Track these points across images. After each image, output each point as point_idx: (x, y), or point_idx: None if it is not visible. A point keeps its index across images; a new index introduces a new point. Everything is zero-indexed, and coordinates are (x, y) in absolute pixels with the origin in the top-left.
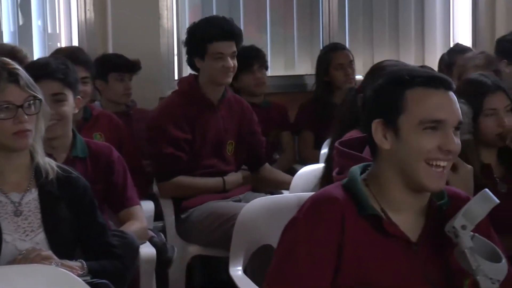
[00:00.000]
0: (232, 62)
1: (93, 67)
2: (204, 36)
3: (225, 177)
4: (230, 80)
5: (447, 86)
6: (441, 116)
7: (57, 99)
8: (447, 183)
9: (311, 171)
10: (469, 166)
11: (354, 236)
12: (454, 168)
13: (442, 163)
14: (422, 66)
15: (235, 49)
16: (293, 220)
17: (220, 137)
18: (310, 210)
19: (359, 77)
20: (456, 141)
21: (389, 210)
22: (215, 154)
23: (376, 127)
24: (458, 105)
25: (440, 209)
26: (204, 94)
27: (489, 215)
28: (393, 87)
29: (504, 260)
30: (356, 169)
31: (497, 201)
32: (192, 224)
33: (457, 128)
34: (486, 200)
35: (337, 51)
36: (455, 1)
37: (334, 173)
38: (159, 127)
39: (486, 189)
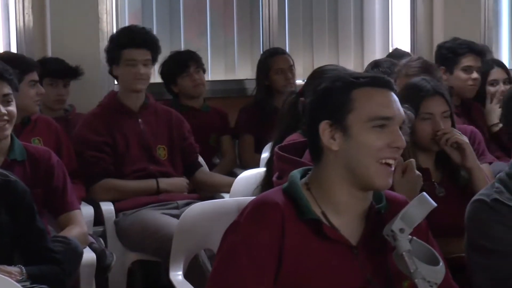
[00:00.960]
0: (145, 70)
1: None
2: (119, 43)
3: (159, 179)
4: (142, 87)
5: (389, 86)
6: (389, 114)
7: (7, 100)
8: (393, 187)
9: (251, 175)
10: (418, 173)
11: (294, 240)
12: (403, 171)
13: (391, 161)
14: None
15: (149, 57)
16: (234, 224)
17: (146, 142)
18: (251, 214)
19: (299, 81)
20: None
21: (330, 213)
22: (146, 158)
23: (324, 129)
24: (400, 105)
25: (379, 213)
26: (122, 102)
27: (427, 219)
28: (339, 88)
29: (441, 264)
30: (296, 173)
31: (434, 204)
32: (128, 232)
33: (400, 128)
34: (424, 204)
35: (277, 56)
36: (394, 6)
37: (274, 178)
38: (80, 137)
39: (424, 193)
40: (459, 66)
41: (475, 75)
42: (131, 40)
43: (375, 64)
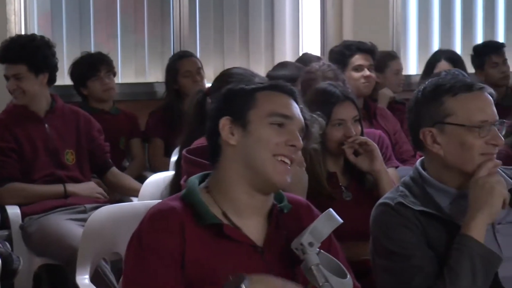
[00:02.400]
0: (17, 84)
1: None
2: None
3: (66, 184)
4: (21, 101)
5: (292, 94)
6: (288, 113)
7: None
8: None
9: (160, 178)
10: (299, 168)
11: (195, 245)
12: None
13: (287, 160)
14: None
15: (21, 71)
16: (135, 233)
17: (54, 147)
18: (150, 223)
19: (209, 84)
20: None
21: (232, 214)
22: (53, 163)
23: (224, 124)
24: (300, 112)
25: (281, 212)
26: (27, 107)
27: None
28: (243, 89)
29: (349, 276)
30: (194, 179)
31: (341, 221)
32: (33, 237)
33: (306, 137)
34: (331, 220)
35: (185, 59)
36: (304, 10)
37: (182, 181)
38: None
39: (330, 209)
40: (350, 66)
41: (366, 72)
42: (3, 55)
43: (282, 65)
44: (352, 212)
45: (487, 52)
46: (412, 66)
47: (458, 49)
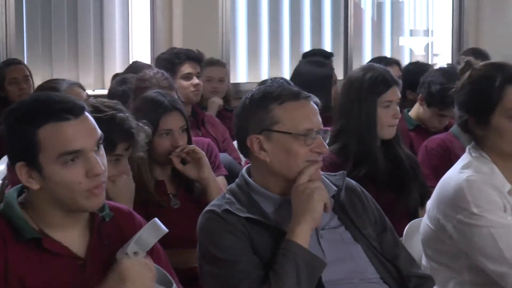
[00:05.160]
0: None
1: None
2: None
3: None
4: None
5: (78, 113)
6: (77, 146)
7: None
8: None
9: None
10: (125, 176)
11: (18, 261)
12: (112, 179)
13: (97, 190)
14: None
15: None
16: None
17: None
18: None
19: None
20: (103, 163)
21: (50, 230)
22: None
23: (20, 170)
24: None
25: (103, 221)
26: None
27: None
28: (25, 130)
29: (175, 285)
30: (12, 192)
31: (166, 230)
32: None
33: (98, 146)
34: (156, 229)
35: (12, 66)
36: (134, 18)
37: (6, 190)
38: None
39: (156, 219)
40: (179, 74)
41: (195, 80)
42: None
43: (123, 81)
44: (180, 220)
45: None
46: (242, 74)
47: (286, 57)
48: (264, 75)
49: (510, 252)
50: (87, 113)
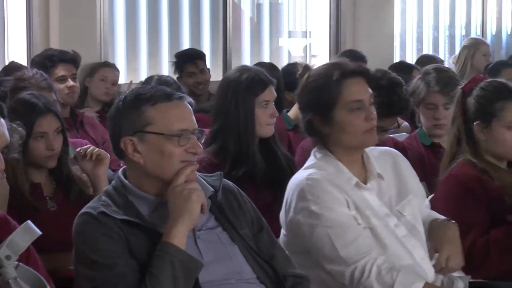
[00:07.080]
0: None
1: None
2: None
3: None
4: None
5: None
6: None
7: None
8: None
9: None
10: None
11: None
12: None
13: None
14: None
15: None
16: None
17: None
18: None
19: None
20: None
21: None
22: None
23: None
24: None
25: None
26: None
27: None
28: None
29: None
30: None
31: (39, 232)
32: None
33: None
34: (29, 232)
35: None
36: (9, 18)
37: None
38: None
39: (29, 221)
40: (54, 77)
41: (70, 83)
42: None
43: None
44: (57, 222)
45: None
46: (121, 75)
47: (165, 57)
48: (143, 76)
49: (345, 251)
50: None
